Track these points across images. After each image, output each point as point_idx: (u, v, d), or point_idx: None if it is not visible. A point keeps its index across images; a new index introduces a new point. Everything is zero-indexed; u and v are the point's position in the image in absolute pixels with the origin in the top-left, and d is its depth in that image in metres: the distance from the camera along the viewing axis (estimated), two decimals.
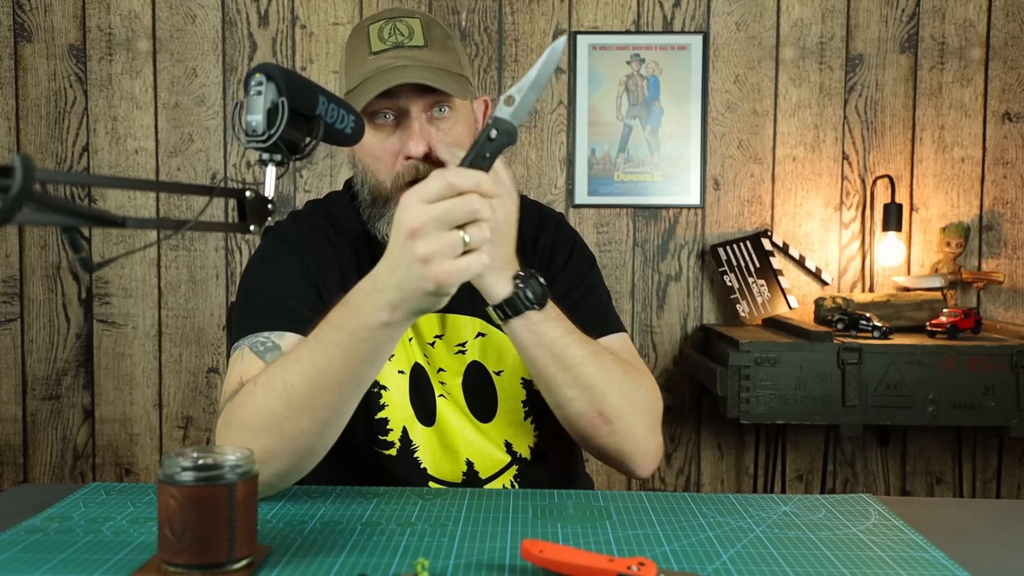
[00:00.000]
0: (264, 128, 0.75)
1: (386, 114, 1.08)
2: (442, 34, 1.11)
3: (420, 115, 1.07)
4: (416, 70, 1.05)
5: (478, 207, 0.76)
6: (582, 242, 1.23)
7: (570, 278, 1.17)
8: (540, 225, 1.21)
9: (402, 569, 0.74)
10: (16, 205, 0.53)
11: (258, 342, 1.03)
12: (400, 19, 1.10)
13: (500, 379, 1.16)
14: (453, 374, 1.15)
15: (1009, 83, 2.53)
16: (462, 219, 0.76)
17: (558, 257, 1.19)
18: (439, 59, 1.08)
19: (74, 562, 0.75)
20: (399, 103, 1.07)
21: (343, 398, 0.88)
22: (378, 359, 0.86)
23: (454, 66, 1.09)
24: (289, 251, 1.14)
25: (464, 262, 0.77)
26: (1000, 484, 2.54)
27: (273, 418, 0.88)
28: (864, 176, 2.56)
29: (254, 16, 2.54)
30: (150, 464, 2.59)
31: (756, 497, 0.97)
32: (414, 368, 1.14)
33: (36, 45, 2.54)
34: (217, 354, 2.58)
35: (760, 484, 2.50)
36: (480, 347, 1.16)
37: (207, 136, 2.56)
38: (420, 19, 1.11)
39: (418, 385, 1.14)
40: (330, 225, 1.18)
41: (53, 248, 2.57)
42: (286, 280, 1.10)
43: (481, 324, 1.16)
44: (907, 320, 2.34)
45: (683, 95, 2.54)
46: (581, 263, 1.20)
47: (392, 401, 1.14)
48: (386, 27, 1.09)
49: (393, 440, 1.14)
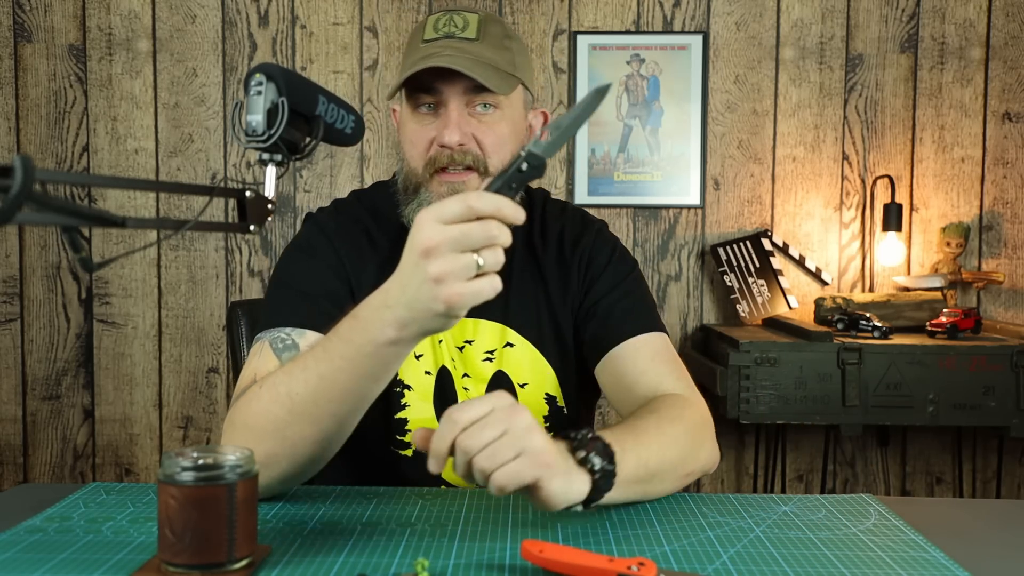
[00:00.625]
0: (264, 128, 0.75)
1: (428, 103, 1.08)
2: (500, 32, 1.10)
3: (459, 105, 1.06)
4: (456, 58, 1.04)
5: (496, 232, 0.74)
6: (623, 247, 1.22)
7: (610, 279, 1.16)
8: (581, 231, 1.20)
9: (402, 569, 0.74)
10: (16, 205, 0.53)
11: (279, 338, 1.03)
12: (459, 12, 1.10)
13: (524, 392, 1.15)
14: (478, 381, 1.15)
15: (1009, 83, 2.53)
16: (479, 243, 0.74)
17: (598, 260, 1.17)
18: (489, 54, 1.07)
19: (74, 562, 0.75)
20: (439, 92, 1.06)
21: (346, 410, 0.87)
22: (383, 375, 0.85)
23: (505, 64, 1.08)
24: (326, 244, 1.13)
25: (476, 285, 0.75)
26: (1000, 484, 2.54)
27: (276, 423, 0.88)
28: (864, 176, 2.56)
29: (254, 16, 2.54)
30: (150, 464, 2.59)
31: (756, 497, 0.97)
32: (441, 371, 1.14)
33: (36, 45, 2.54)
34: (217, 354, 2.58)
35: (760, 484, 2.50)
36: (507, 357, 1.15)
37: (207, 136, 2.56)
38: (480, 15, 1.10)
39: (443, 388, 1.14)
40: (371, 217, 1.17)
41: (53, 248, 2.57)
42: (318, 275, 1.10)
43: (511, 334, 1.15)
44: (907, 320, 2.34)
45: (683, 95, 2.54)
46: (622, 265, 1.18)
47: (414, 401, 1.13)
48: (443, 18, 1.09)
49: (410, 441, 1.13)
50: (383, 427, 1.13)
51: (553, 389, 1.16)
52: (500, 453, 0.74)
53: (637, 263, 1.22)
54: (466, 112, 1.07)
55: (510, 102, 1.11)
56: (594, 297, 1.15)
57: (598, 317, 1.13)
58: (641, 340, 1.10)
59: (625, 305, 1.13)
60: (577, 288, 1.17)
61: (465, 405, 0.77)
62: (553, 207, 1.23)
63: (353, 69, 2.55)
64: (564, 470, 0.79)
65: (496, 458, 0.74)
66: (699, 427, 1.00)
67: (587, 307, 1.15)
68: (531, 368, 1.15)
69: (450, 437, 0.75)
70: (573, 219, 1.22)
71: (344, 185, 2.57)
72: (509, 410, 0.77)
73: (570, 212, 1.23)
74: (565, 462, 0.80)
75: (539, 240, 1.19)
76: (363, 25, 2.54)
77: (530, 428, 0.76)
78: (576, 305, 1.17)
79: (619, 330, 1.11)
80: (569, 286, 1.17)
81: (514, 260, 1.17)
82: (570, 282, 1.17)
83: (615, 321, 1.12)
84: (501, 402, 0.78)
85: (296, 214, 2.57)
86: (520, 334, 1.15)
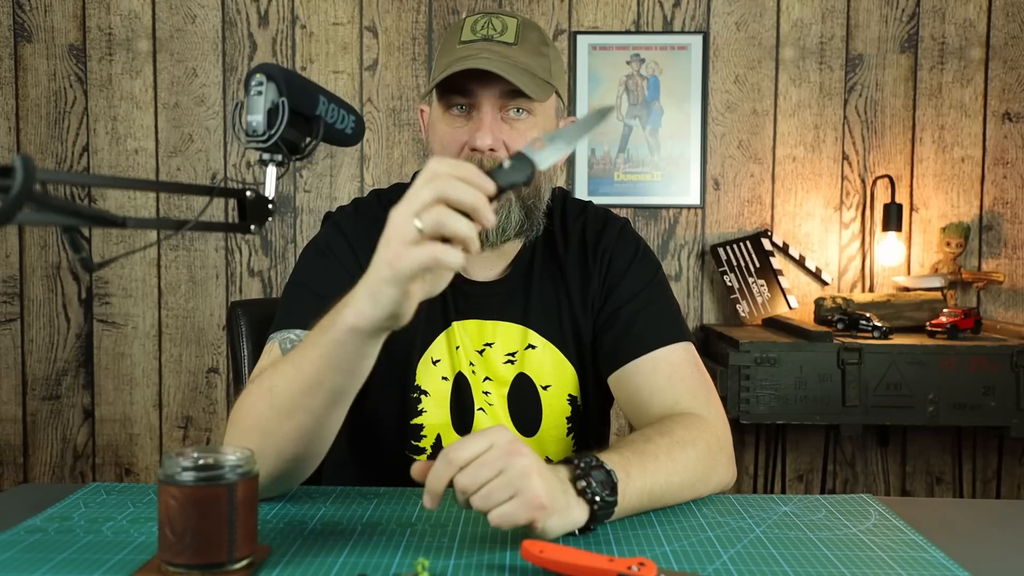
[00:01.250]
0: (264, 128, 0.75)
1: (461, 105, 1.06)
2: (537, 39, 1.09)
3: (493, 109, 1.05)
4: (494, 61, 1.02)
5: (440, 186, 0.71)
6: (647, 247, 1.20)
7: (634, 282, 1.14)
8: (602, 227, 1.18)
9: (402, 569, 0.74)
10: (16, 205, 0.53)
11: (288, 339, 1.03)
12: (497, 15, 1.09)
13: (547, 394, 1.14)
14: (500, 384, 1.13)
15: (1009, 83, 2.53)
16: (423, 202, 0.71)
17: (620, 259, 1.16)
18: (525, 59, 1.05)
19: (74, 562, 0.75)
20: (474, 95, 1.05)
21: (320, 404, 0.85)
22: (351, 368, 0.82)
23: (541, 71, 1.07)
24: (344, 245, 1.12)
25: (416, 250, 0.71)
26: (1000, 484, 2.54)
27: (258, 419, 0.88)
28: (864, 176, 2.56)
29: (254, 16, 2.54)
30: (150, 464, 2.59)
31: (756, 497, 0.97)
32: (457, 376, 1.13)
33: (36, 45, 2.54)
34: (217, 354, 2.58)
35: (760, 484, 2.50)
36: (529, 359, 1.14)
37: (207, 136, 2.56)
38: (519, 19, 1.08)
39: (459, 395, 1.13)
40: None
41: (53, 248, 2.57)
42: (334, 276, 1.09)
43: (532, 336, 1.14)
44: (907, 320, 2.34)
45: (683, 95, 2.54)
46: (646, 268, 1.16)
47: (431, 407, 1.12)
48: (480, 20, 1.08)
49: (425, 447, 1.13)
50: (399, 432, 1.13)
51: (575, 390, 1.15)
52: (495, 495, 0.75)
53: (661, 265, 1.19)
54: (499, 116, 1.06)
55: (543, 109, 1.09)
56: (615, 303, 1.13)
57: (618, 326, 1.11)
58: (661, 355, 1.08)
59: (647, 315, 1.11)
60: (598, 288, 1.15)
61: (463, 443, 0.77)
62: (573, 206, 1.21)
63: (353, 69, 2.55)
64: (561, 507, 0.79)
65: (491, 499, 0.75)
66: (713, 451, 0.98)
67: (608, 312, 1.13)
68: (553, 370, 1.14)
69: (446, 477, 0.76)
70: (595, 217, 1.20)
71: (344, 185, 2.57)
72: (507, 447, 0.77)
73: (591, 210, 1.21)
74: (563, 497, 0.79)
75: (560, 239, 1.18)
76: (363, 25, 2.54)
77: (526, 470, 0.76)
78: (597, 306, 1.15)
79: (638, 343, 1.09)
80: (590, 286, 1.15)
81: (534, 260, 1.16)
82: (591, 282, 1.15)
83: (635, 333, 1.10)
84: (500, 438, 0.77)
85: (296, 214, 2.57)
86: (541, 335, 1.14)
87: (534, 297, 1.14)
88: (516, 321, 1.14)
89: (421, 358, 1.12)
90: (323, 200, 2.56)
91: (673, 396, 1.05)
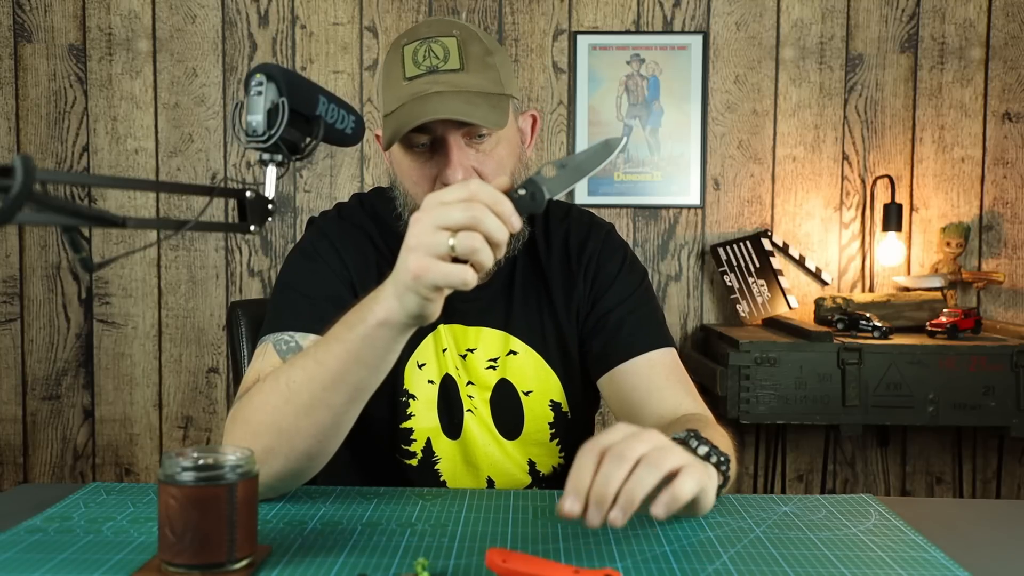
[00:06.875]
0: (264, 128, 0.75)
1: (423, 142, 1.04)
2: (480, 51, 1.05)
3: (458, 141, 1.03)
4: (450, 100, 1.00)
5: (479, 215, 0.74)
6: (633, 254, 1.20)
7: (622, 289, 1.14)
8: (587, 234, 1.17)
9: (402, 569, 0.74)
10: (16, 205, 0.53)
11: (282, 340, 1.03)
12: (435, 39, 1.04)
13: (528, 399, 1.14)
14: (482, 388, 1.14)
15: (1009, 83, 2.53)
16: (459, 223, 0.74)
17: (608, 266, 1.15)
18: (476, 82, 1.02)
19: (74, 562, 0.75)
20: (434, 131, 1.02)
21: (340, 400, 0.86)
22: (376, 362, 0.84)
23: (493, 86, 1.04)
24: (329, 248, 1.12)
25: (446, 266, 0.75)
26: (1000, 484, 2.54)
27: (272, 415, 0.88)
28: (864, 176, 2.56)
29: (254, 16, 2.54)
30: (150, 464, 2.59)
31: (756, 497, 0.97)
32: (444, 379, 1.13)
33: (36, 45, 2.54)
34: (217, 354, 2.58)
35: (760, 484, 2.50)
36: (510, 365, 1.14)
37: (207, 136, 2.56)
38: (456, 38, 1.04)
39: (447, 397, 1.13)
40: (374, 223, 1.16)
41: (53, 248, 2.57)
42: (321, 279, 1.09)
43: (514, 342, 1.14)
44: (907, 320, 2.34)
45: (683, 95, 2.54)
46: (632, 276, 1.16)
47: (419, 411, 1.12)
48: (420, 49, 1.03)
49: (415, 451, 1.13)
50: (389, 437, 1.13)
51: (558, 396, 1.15)
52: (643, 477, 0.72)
53: (647, 273, 1.20)
54: (463, 145, 1.04)
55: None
56: (603, 308, 1.13)
57: (608, 329, 1.12)
58: (654, 356, 1.09)
59: (637, 318, 1.12)
60: (584, 295, 1.15)
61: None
62: (557, 210, 1.20)
63: (353, 69, 2.55)
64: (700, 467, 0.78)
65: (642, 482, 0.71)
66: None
67: (596, 317, 1.13)
68: (535, 375, 1.14)
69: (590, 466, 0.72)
70: (579, 222, 1.19)
71: (344, 185, 2.57)
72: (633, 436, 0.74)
73: (575, 215, 1.20)
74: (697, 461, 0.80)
75: (542, 245, 1.17)
76: (363, 25, 2.54)
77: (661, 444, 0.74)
78: (583, 314, 1.15)
79: (629, 344, 1.10)
80: (574, 292, 1.15)
81: (516, 266, 1.16)
82: (575, 288, 1.15)
83: (625, 335, 1.10)
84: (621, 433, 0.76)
85: (296, 214, 2.57)
86: (523, 341, 1.14)
87: (516, 303, 1.14)
88: (498, 327, 1.14)
89: (407, 362, 1.13)
90: (323, 200, 2.56)
91: (674, 396, 1.06)
